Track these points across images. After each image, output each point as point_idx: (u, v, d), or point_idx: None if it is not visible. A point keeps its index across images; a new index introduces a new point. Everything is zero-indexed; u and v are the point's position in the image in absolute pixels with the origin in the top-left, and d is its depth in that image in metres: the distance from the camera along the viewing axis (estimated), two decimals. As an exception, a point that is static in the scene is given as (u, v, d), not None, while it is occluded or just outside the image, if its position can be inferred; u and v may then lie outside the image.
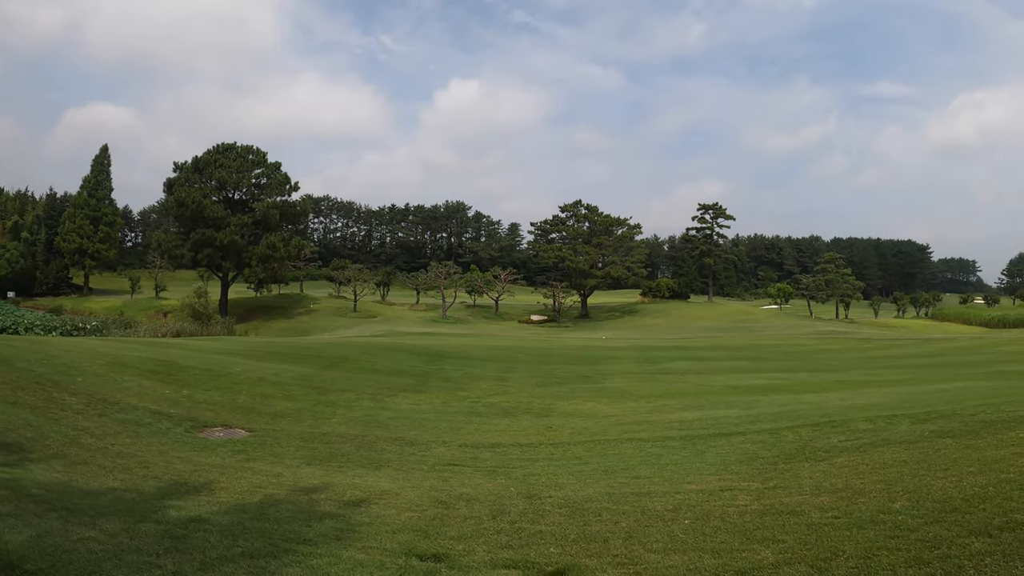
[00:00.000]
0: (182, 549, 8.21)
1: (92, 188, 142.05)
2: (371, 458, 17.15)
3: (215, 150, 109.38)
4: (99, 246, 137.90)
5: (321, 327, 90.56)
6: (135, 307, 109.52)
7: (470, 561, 8.05)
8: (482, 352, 46.63)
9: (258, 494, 12.23)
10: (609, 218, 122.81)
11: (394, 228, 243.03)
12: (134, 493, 11.80)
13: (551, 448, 18.06)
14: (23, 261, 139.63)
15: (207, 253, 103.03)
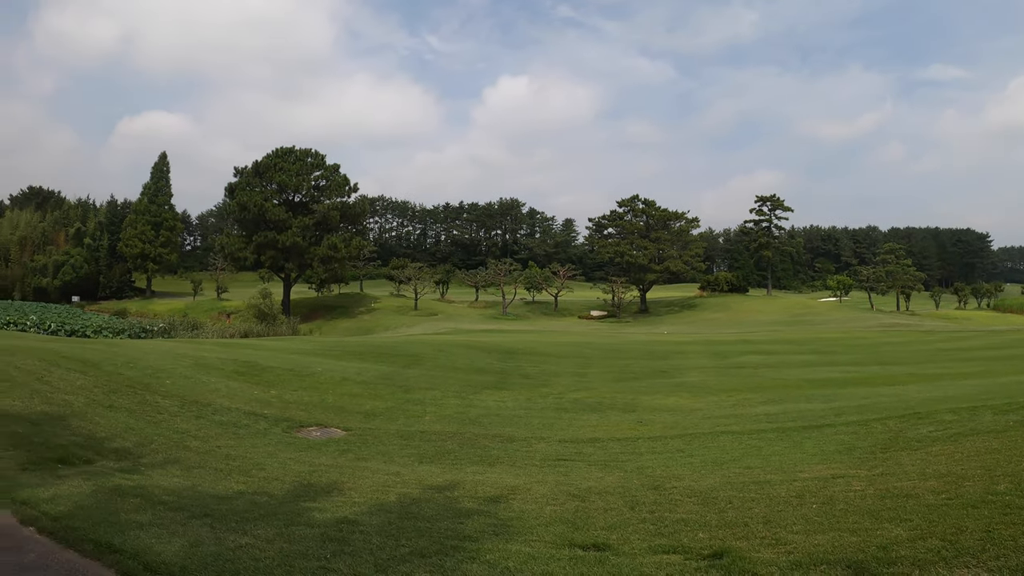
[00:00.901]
0: (348, 552, 8.10)
1: (152, 194, 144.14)
2: (479, 455, 16.96)
3: (274, 154, 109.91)
4: (160, 250, 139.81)
5: (384, 325, 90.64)
6: (198, 309, 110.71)
7: (630, 549, 8.13)
8: (553, 349, 46.20)
9: (391, 493, 12.05)
10: (666, 212, 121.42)
11: (449, 226, 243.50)
12: (265, 496, 11.60)
13: (650, 442, 17.80)
14: (87, 266, 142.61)
15: (270, 255, 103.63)
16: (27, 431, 14.70)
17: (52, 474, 11.97)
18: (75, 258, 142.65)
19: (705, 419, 21.25)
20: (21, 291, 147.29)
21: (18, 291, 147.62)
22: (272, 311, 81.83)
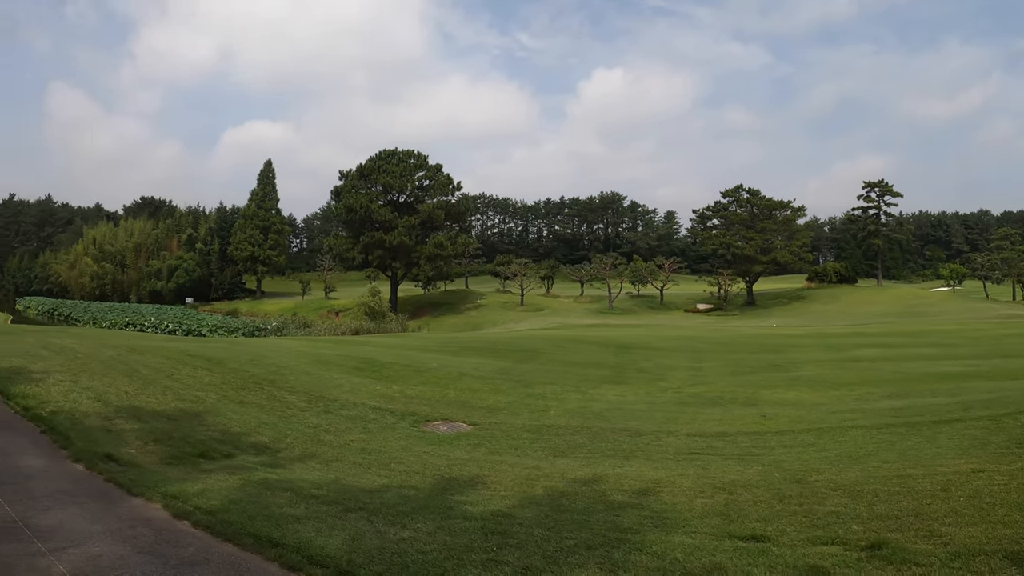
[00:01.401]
0: (513, 544, 8.01)
1: (260, 200, 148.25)
2: (612, 449, 16.57)
3: (378, 156, 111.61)
4: (269, 252, 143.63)
5: (491, 321, 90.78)
6: (307, 307, 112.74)
7: (788, 540, 8.09)
8: (665, 343, 45.47)
9: (536, 487, 11.83)
10: (771, 201, 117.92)
11: (550, 221, 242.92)
12: (411, 489, 11.48)
13: (778, 436, 17.26)
14: (199, 270, 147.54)
15: (377, 254, 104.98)
16: (165, 427, 14.90)
17: (196, 468, 12.03)
18: (188, 262, 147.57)
19: (830, 414, 20.62)
20: (137, 294, 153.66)
21: (134, 294, 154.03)
22: (381, 309, 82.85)
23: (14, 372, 18.73)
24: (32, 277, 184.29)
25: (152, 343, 29.93)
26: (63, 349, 22.98)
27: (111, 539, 8.12)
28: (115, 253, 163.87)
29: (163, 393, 18.33)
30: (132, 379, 19.39)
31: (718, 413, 21.86)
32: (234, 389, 20.56)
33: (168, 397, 18.02)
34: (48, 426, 13.76)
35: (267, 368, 24.69)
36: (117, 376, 19.52)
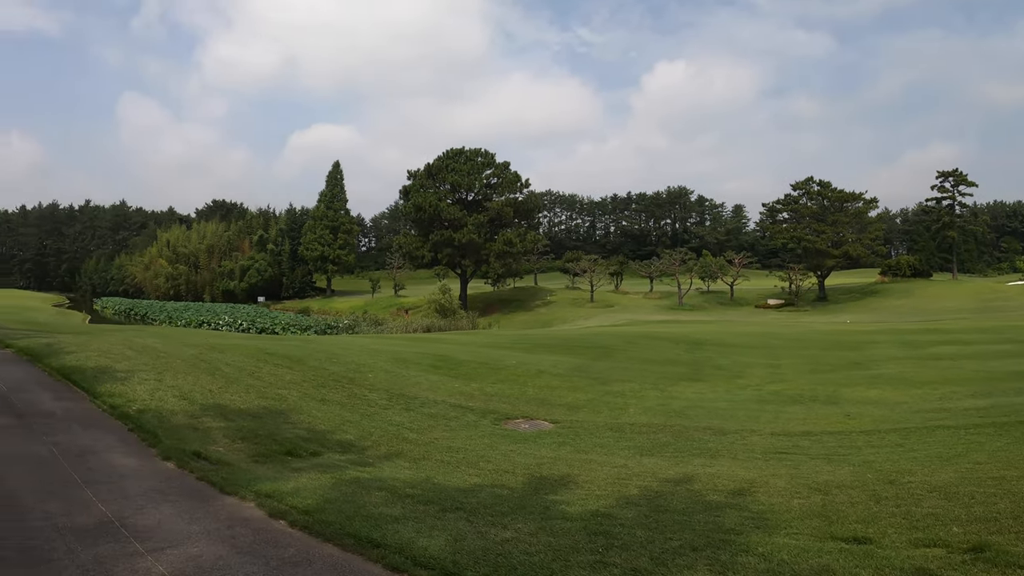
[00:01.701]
0: (618, 545, 7.85)
1: (328, 201, 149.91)
2: (697, 448, 16.17)
3: (445, 156, 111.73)
4: (339, 252, 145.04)
5: (561, 318, 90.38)
6: (377, 306, 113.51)
7: (890, 542, 7.97)
8: (739, 339, 44.65)
9: (630, 486, 11.53)
10: (843, 193, 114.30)
11: (617, 217, 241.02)
12: (504, 489, 11.24)
13: (864, 436, 16.79)
14: (270, 269, 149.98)
15: (447, 253, 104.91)
16: (251, 425, 14.87)
17: (285, 466, 11.93)
18: (259, 262, 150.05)
19: (913, 413, 20.03)
20: (210, 294, 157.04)
21: (208, 294, 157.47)
22: (452, 306, 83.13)
23: (100, 371, 18.93)
24: (108, 279, 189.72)
25: (230, 341, 30.17)
26: (146, 348, 23.21)
27: (209, 539, 8.02)
28: (188, 255, 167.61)
29: (246, 391, 18.37)
30: (215, 377, 19.49)
31: (800, 412, 21.40)
32: (315, 387, 20.53)
33: (251, 395, 18.04)
34: (135, 424, 13.82)
35: (346, 366, 24.67)
36: (200, 374, 19.62)
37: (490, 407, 21.09)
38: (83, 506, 9.01)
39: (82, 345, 23.72)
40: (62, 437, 12.77)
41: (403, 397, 20.93)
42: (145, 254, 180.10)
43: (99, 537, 7.95)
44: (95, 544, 7.75)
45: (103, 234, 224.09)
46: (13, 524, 8.25)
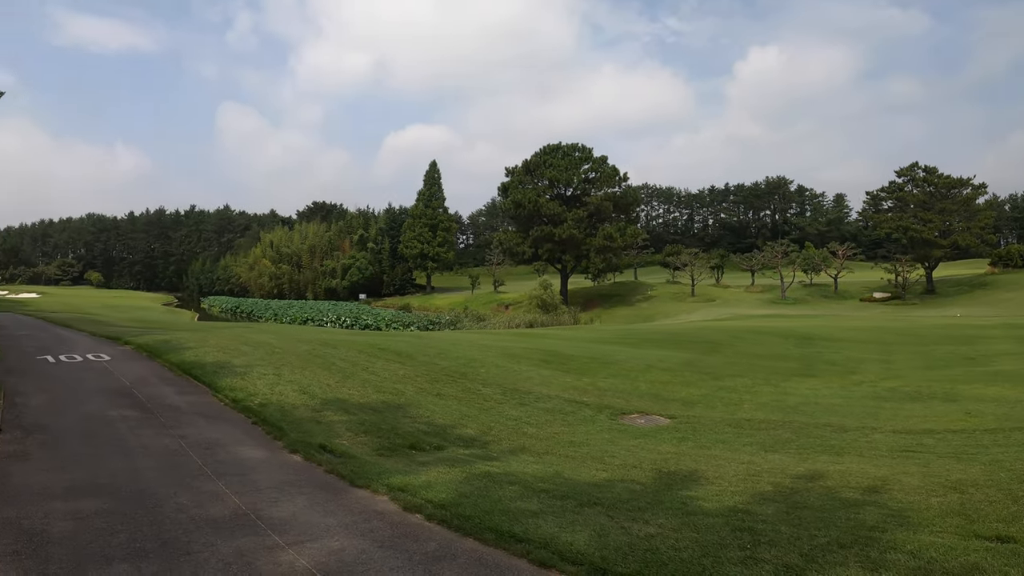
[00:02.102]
0: (765, 542, 7.61)
1: (427, 199, 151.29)
2: (820, 445, 15.69)
3: (543, 151, 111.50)
4: (438, 250, 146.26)
5: (663, 313, 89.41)
6: (477, 302, 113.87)
7: None
8: (847, 333, 43.46)
9: (761, 483, 11.18)
10: (949, 179, 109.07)
11: (716, 209, 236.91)
12: (634, 484, 10.91)
13: (989, 435, 16.09)
14: (371, 268, 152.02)
15: (547, 248, 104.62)
16: (372, 418, 14.86)
17: (411, 460, 11.83)
18: (360, 261, 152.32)
19: (1039, 413, 19.06)
20: (313, 292, 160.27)
21: (311, 292, 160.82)
22: (553, 301, 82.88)
23: (218, 366, 19.20)
24: (214, 279, 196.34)
25: (340, 337, 30.42)
26: (261, 344, 23.50)
27: (347, 533, 7.91)
28: (291, 254, 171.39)
29: (363, 386, 18.43)
30: (331, 372, 19.61)
31: (919, 409, 20.70)
32: (429, 382, 20.51)
33: (368, 390, 18.10)
34: (259, 418, 13.95)
35: (456, 361, 24.62)
36: (316, 369, 19.75)
37: (604, 402, 20.82)
38: (216, 498, 9.04)
39: (199, 341, 24.18)
40: (189, 430, 12.97)
41: (517, 392, 20.76)
42: (249, 255, 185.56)
43: (236, 529, 7.93)
44: (233, 536, 7.72)
45: (208, 236, 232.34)
46: (149, 516, 8.27)
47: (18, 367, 19.86)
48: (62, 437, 12.17)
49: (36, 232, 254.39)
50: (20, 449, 11.29)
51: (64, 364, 20.97)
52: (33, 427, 12.77)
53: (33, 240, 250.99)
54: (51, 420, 13.43)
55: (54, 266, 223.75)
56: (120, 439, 12.19)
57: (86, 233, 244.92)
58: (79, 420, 13.56)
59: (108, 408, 14.62)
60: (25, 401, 15.02)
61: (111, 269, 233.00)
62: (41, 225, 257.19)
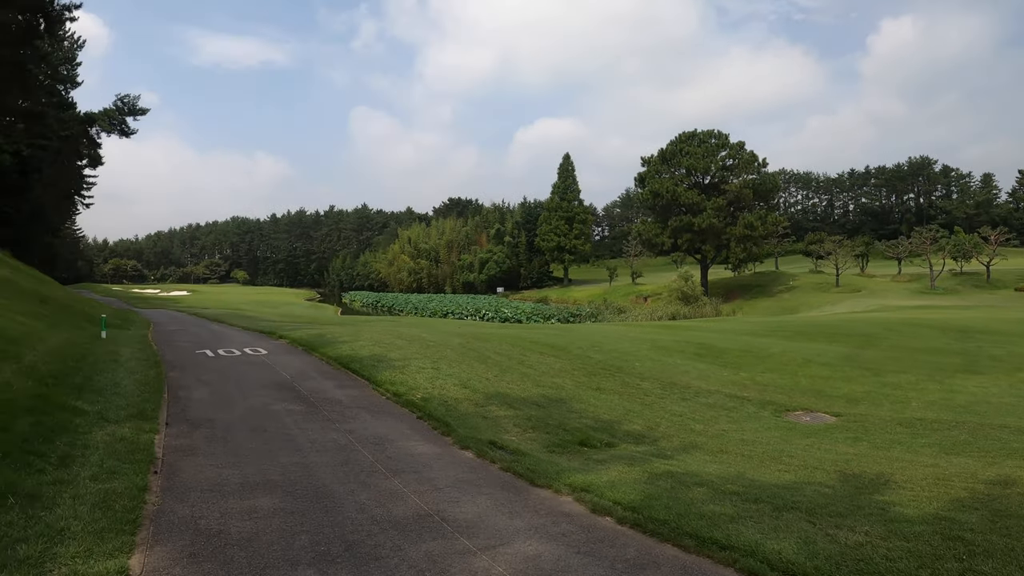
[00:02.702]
0: (980, 552, 7.07)
1: (562, 192, 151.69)
2: (1003, 448, 14.68)
3: (678, 139, 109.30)
4: (575, 242, 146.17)
5: (807, 304, 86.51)
6: (615, 294, 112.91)
7: None
8: (1009, 326, 40.76)
9: (953, 488, 10.27)
10: None
11: (856, 194, 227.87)
12: (822, 486, 10.25)
13: None
14: (508, 261, 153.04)
15: (686, 238, 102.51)
16: (537, 413, 14.55)
17: (584, 457, 11.47)
18: (497, 254, 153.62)
19: None
20: (451, 285, 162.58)
21: (449, 286, 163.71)
22: (694, 293, 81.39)
23: (376, 360, 19.20)
24: (354, 274, 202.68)
25: (489, 331, 30.33)
26: (414, 338, 23.50)
27: (538, 536, 7.57)
28: (429, 250, 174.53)
29: (522, 379, 18.16)
30: (488, 366, 19.41)
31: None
32: (586, 375, 20.17)
33: (527, 383, 17.82)
34: (423, 412, 13.84)
35: (608, 354, 24.19)
36: (473, 363, 19.58)
37: (766, 397, 20.16)
38: (395, 497, 8.83)
39: (353, 336, 24.35)
40: (355, 424, 12.92)
41: (676, 386, 20.23)
42: (388, 251, 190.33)
43: (422, 532, 7.67)
44: (420, 539, 7.46)
45: (348, 235, 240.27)
46: (329, 516, 8.11)
47: (178, 361, 20.36)
48: (229, 431, 12.27)
49: (185, 235, 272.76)
50: (188, 443, 11.35)
51: (223, 358, 21.50)
52: (199, 421, 12.91)
53: (182, 243, 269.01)
54: (216, 414, 13.55)
55: (202, 266, 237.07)
56: (287, 434, 12.21)
57: (231, 235, 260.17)
58: (244, 414, 13.66)
59: (272, 402, 14.76)
60: (188, 395, 15.30)
61: (256, 267, 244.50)
62: (189, 229, 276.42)
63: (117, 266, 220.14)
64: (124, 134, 79.79)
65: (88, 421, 11.52)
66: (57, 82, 72.27)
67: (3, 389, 11.62)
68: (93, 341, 22.64)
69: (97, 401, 13.06)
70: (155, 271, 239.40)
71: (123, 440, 10.71)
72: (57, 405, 11.91)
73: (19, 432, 9.81)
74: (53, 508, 7.49)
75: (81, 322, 28.99)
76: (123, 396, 13.84)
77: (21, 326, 20.04)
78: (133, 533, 7.17)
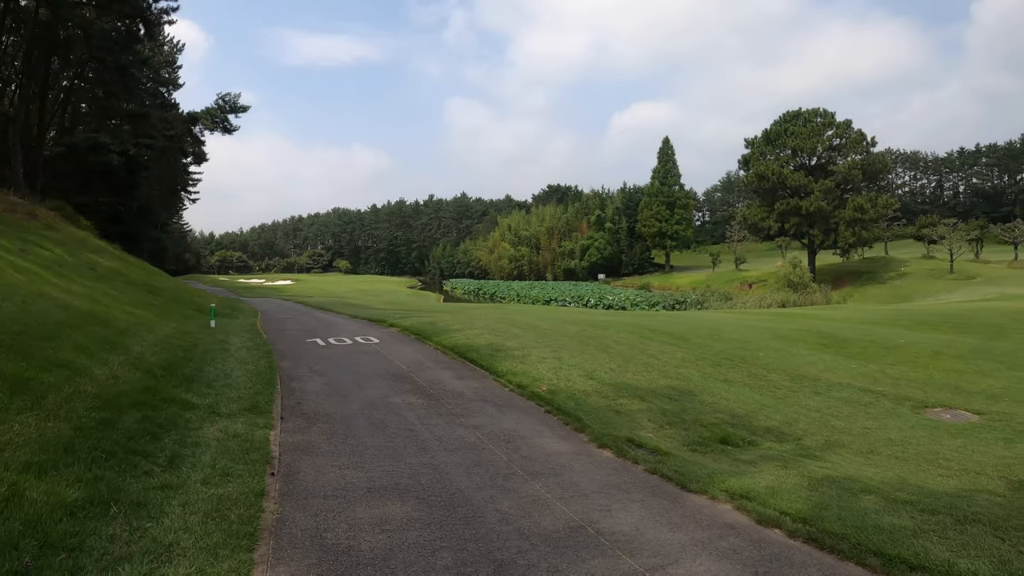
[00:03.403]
0: None
1: (662, 177, 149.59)
2: None
3: (782, 120, 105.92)
4: (676, 227, 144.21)
5: (920, 291, 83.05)
6: (718, 280, 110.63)
7: None
8: None
9: None
10: None
11: (967, 174, 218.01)
12: (991, 495, 9.38)
13: None
14: (609, 248, 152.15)
15: (793, 222, 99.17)
16: (669, 407, 13.86)
17: (731, 457, 10.75)
18: (598, 241, 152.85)
19: None
20: (552, 273, 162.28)
21: (550, 273, 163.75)
22: (802, 279, 78.64)
23: (493, 349, 18.71)
24: (455, 262, 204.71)
25: (605, 318, 29.76)
26: (529, 326, 23.02)
27: (708, 554, 6.87)
28: (529, 237, 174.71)
29: (646, 370, 17.47)
30: (610, 356, 18.78)
31: None
32: (711, 366, 19.37)
33: (653, 374, 17.12)
34: (552, 406, 13.31)
35: (729, 343, 23.38)
36: (594, 352, 18.98)
37: (901, 392, 19.08)
38: (539, 505, 8.19)
39: (465, 323, 23.92)
40: (481, 419, 12.39)
41: (805, 379, 19.32)
42: (488, 239, 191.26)
43: (578, 549, 6.97)
44: (578, 558, 6.74)
45: (447, 223, 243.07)
46: (471, 529, 7.46)
47: (289, 351, 20.16)
48: (349, 426, 11.76)
49: (288, 227, 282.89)
50: (305, 440, 10.84)
51: (334, 347, 21.27)
52: (315, 415, 12.45)
53: (285, 234, 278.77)
54: (333, 407, 13.11)
55: (305, 256, 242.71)
56: (411, 429, 11.66)
57: (333, 225, 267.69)
58: (363, 407, 13.15)
59: (390, 393, 14.31)
60: (302, 386, 14.92)
61: (357, 256, 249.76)
62: (292, 220, 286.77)
63: (223, 257, 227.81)
64: (226, 131, 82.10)
65: (199, 416, 11.19)
66: (160, 85, 75.58)
67: (110, 382, 11.33)
68: (202, 330, 22.74)
69: (207, 393, 12.83)
70: (260, 262, 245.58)
71: (236, 437, 10.30)
72: (166, 398, 11.57)
73: (125, 429, 9.36)
74: (160, 518, 6.84)
75: (190, 311, 29.16)
76: (234, 388, 13.57)
77: (130, 316, 20.04)
78: (251, 549, 6.50)
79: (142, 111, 63.19)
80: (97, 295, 21.64)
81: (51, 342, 12.00)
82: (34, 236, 28.95)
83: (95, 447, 8.21)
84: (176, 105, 78.92)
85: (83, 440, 8.26)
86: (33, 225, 32.06)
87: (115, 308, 20.43)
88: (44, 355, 11.00)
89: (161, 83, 76.49)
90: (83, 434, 8.45)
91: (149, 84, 68.93)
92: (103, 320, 16.94)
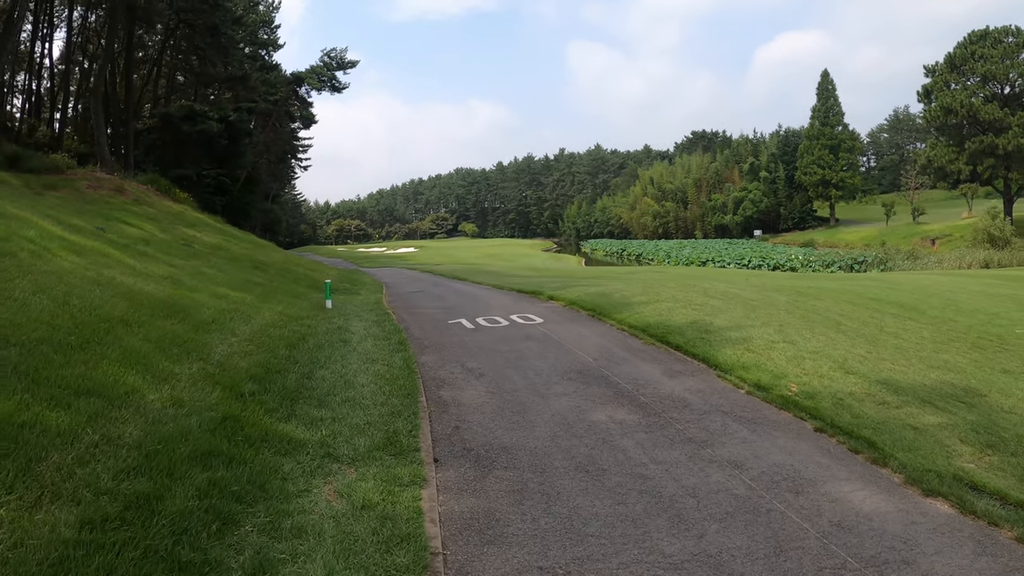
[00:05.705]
0: None
1: (822, 116, 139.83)
2: None
3: (967, 41, 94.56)
4: (842, 175, 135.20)
5: None
6: (894, 235, 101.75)
7: None
8: None
9: None
10: None
11: None
12: None
13: None
14: (765, 200, 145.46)
15: (988, 163, 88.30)
16: (971, 418, 10.60)
17: None
18: (753, 192, 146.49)
19: None
20: (702, 230, 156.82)
21: (699, 230, 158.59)
22: (1003, 234, 71.34)
23: (698, 330, 16.06)
24: (592, 221, 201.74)
25: (806, 283, 26.79)
26: (728, 295, 20.50)
27: None
28: (674, 191, 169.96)
29: (901, 356, 14.33)
30: (846, 335, 15.88)
31: None
32: (972, 348, 15.98)
33: (913, 362, 13.94)
34: (822, 420, 10.34)
35: (973, 316, 20.31)
36: (826, 330, 16.12)
37: None
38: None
39: (649, 294, 21.41)
40: (735, 449, 9.33)
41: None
42: (628, 194, 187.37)
43: None
44: None
45: (582, 179, 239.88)
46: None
47: (429, 339, 17.37)
48: (544, 473, 8.54)
49: (407, 191, 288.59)
50: (481, 508, 7.58)
51: (487, 330, 18.46)
52: (487, 451, 9.35)
53: (405, 199, 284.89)
54: (510, 434, 10.01)
55: (428, 221, 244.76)
56: (642, 476, 8.46)
57: (456, 187, 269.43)
58: (553, 432, 10.04)
59: (585, 405, 11.33)
60: (456, 396, 12.02)
61: (484, 219, 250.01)
62: (411, 184, 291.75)
63: (341, 227, 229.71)
64: (335, 89, 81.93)
65: (304, 465, 8.17)
66: (258, 47, 74.97)
67: (166, 414, 8.47)
68: (315, 313, 20.34)
69: (319, 420, 9.88)
70: (379, 229, 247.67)
71: (366, 510, 7.13)
72: (253, 437, 8.57)
73: (173, 513, 6.14)
74: None
75: (301, 288, 27.23)
76: (359, 405, 10.81)
77: (220, 302, 17.38)
78: None
79: (240, 73, 63.01)
80: (184, 276, 19.54)
81: (86, 352, 9.38)
82: (119, 212, 28.14)
83: (106, 570, 5.14)
84: (277, 66, 78.78)
85: (85, 559, 5.16)
86: (119, 201, 31.56)
87: (203, 292, 18.03)
88: (64, 377, 8.26)
89: (260, 44, 77.04)
90: (88, 545, 5.32)
91: (245, 47, 68.79)
92: (181, 310, 14.33)
